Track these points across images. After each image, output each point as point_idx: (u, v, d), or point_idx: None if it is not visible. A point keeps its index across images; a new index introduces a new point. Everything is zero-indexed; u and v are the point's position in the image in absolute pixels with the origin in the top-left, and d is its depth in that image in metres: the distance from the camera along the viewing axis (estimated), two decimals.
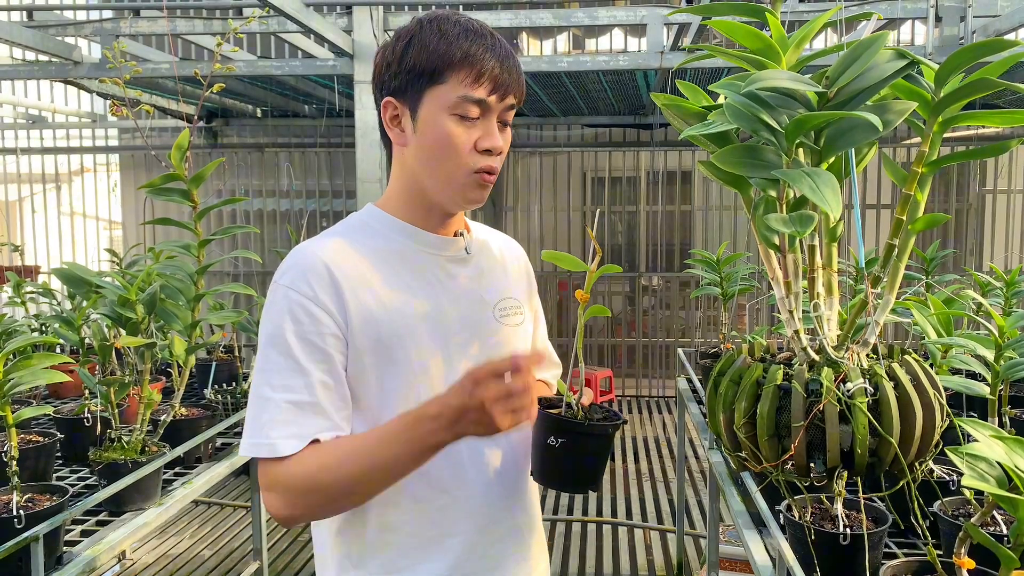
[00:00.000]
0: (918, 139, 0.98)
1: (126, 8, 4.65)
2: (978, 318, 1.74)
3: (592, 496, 4.75)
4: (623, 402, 7.07)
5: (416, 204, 1.18)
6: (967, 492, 1.48)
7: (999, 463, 0.98)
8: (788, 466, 1.00)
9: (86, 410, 2.30)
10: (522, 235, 7.25)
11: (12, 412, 1.77)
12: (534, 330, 1.37)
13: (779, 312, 1.07)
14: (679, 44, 4.39)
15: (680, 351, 3.68)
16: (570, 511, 4.60)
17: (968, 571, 1.10)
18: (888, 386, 0.97)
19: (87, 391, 2.32)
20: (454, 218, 1.21)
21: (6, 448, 1.79)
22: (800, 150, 1.00)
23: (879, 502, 1.55)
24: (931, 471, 1.60)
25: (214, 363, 3.07)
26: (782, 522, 1.57)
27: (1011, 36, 4.00)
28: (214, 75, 2.72)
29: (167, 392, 2.77)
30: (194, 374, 3.09)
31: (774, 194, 1.04)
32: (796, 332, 1.04)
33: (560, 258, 1.20)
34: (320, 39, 4.47)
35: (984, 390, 1.52)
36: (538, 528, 1.30)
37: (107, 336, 2.32)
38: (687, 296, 7.39)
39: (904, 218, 1.01)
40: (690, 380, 3.30)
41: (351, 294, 1.10)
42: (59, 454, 2.28)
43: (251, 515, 3.39)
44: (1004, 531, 1.37)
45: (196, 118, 3.30)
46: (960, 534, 1.09)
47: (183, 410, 2.46)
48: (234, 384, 3.08)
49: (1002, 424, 1.67)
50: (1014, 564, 0.98)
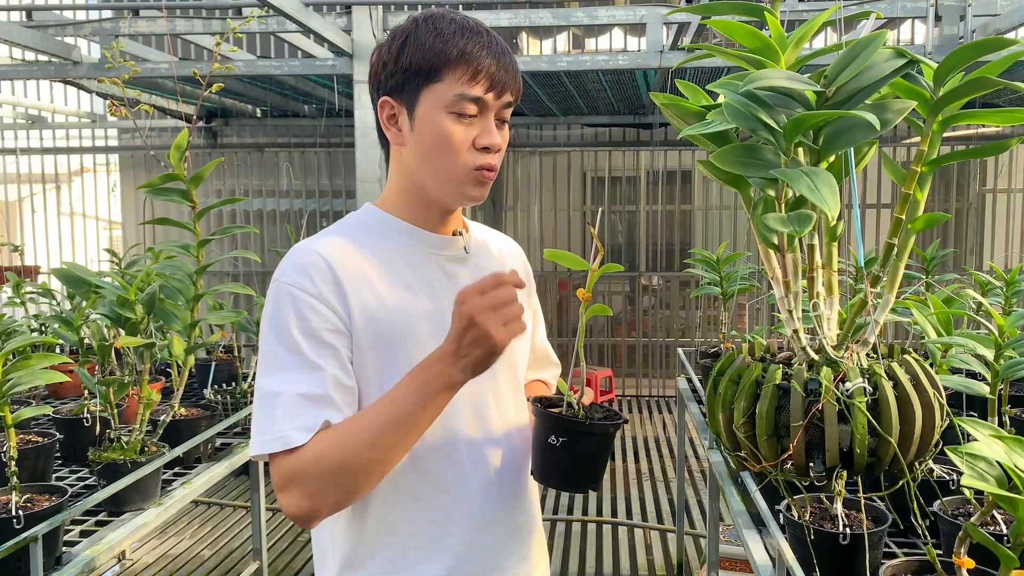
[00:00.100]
0: (918, 138, 0.97)
1: (125, 8, 4.64)
2: (978, 317, 1.74)
3: (592, 496, 4.75)
4: (623, 402, 7.07)
5: (415, 203, 1.18)
6: (967, 491, 1.48)
7: (999, 462, 0.98)
8: (787, 466, 0.99)
9: (85, 410, 2.30)
10: (522, 235, 7.25)
11: (11, 412, 1.77)
12: (533, 330, 1.37)
13: (779, 312, 1.07)
14: (678, 43, 4.38)
15: (680, 351, 3.68)
16: (570, 511, 4.60)
17: (968, 570, 1.10)
18: (887, 386, 0.96)
19: (86, 391, 2.32)
20: (453, 217, 1.21)
21: (5, 448, 1.78)
22: (799, 149, 1.00)
23: (879, 502, 1.55)
24: (931, 471, 1.60)
25: (213, 363, 3.07)
26: (782, 522, 1.57)
27: (1011, 35, 3.99)
28: (213, 75, 2.72)
29: (166, 392, 2.77)
30: (193, 374, 3.09)
31: (773, 193, 1.04)
32: (795, 331, 1.04)
33: (562, 257, 1.20)
34: (319, 39, 4.47)
35: (984, 389, 1.52)
36: (538, 528, 1.30)
37: (106, 336, 2.32)
38: (687, 296, 7.39)
39: (904, 217, 1.01)
40: (690, 380, 3.30)
41: (352, 291, 1.10)
42: (58, 454, 2.28)
43: (251, 515, 3.38)
44: (1004, 531, 1.37)
45: (195, 118, 3.30)
46: (960, 534, 1.09)
47: (182, 410, 2.46)
48: (233, 384, 3.08)
49: (1002, 424, 1.67)
50: (1014, 564, 0.98)
